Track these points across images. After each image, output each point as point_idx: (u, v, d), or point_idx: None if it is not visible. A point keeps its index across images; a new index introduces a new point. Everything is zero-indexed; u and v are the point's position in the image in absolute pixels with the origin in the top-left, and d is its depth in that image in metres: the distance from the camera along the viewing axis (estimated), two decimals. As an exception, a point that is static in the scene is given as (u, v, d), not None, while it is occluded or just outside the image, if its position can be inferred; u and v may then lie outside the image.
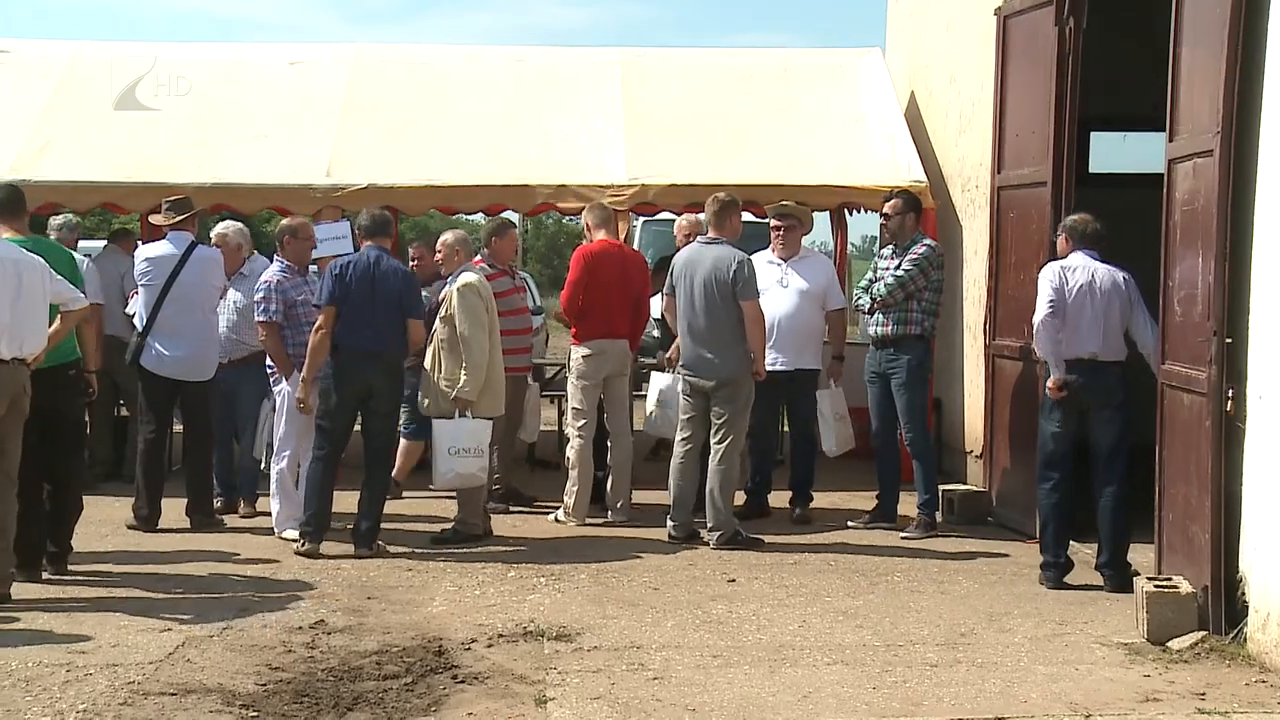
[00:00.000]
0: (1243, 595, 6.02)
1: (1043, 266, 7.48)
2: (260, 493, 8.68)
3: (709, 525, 8.14)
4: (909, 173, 9.99)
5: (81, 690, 5.34)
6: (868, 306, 8.64)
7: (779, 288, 8.81)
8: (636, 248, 11.59)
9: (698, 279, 8.12)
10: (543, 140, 10.47)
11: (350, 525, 7.86)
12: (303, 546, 7.76)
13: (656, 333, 9.73)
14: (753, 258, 8.48)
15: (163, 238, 8.65)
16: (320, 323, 7.79)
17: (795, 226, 9.02)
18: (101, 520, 8.15)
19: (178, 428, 8.77)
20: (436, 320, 8.08)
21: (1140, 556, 7.22)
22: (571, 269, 8.95)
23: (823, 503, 9.14)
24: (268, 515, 8.37)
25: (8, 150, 9.90)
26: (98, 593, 6.88)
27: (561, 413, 9.95)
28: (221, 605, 6.66)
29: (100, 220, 19.69)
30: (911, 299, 8.49)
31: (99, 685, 5.40)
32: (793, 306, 8.80)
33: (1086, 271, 7.24)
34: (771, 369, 8.44)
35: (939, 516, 8.68)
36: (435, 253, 8.48)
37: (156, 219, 8.75)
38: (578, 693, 5.44)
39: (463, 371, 7.92)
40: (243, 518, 8.68)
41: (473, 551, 7.91)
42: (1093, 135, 11.41)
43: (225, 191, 9.98)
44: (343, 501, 8.02)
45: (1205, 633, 6.10)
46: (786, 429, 9.38)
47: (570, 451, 8.79)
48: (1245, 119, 6.05)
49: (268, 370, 8.34)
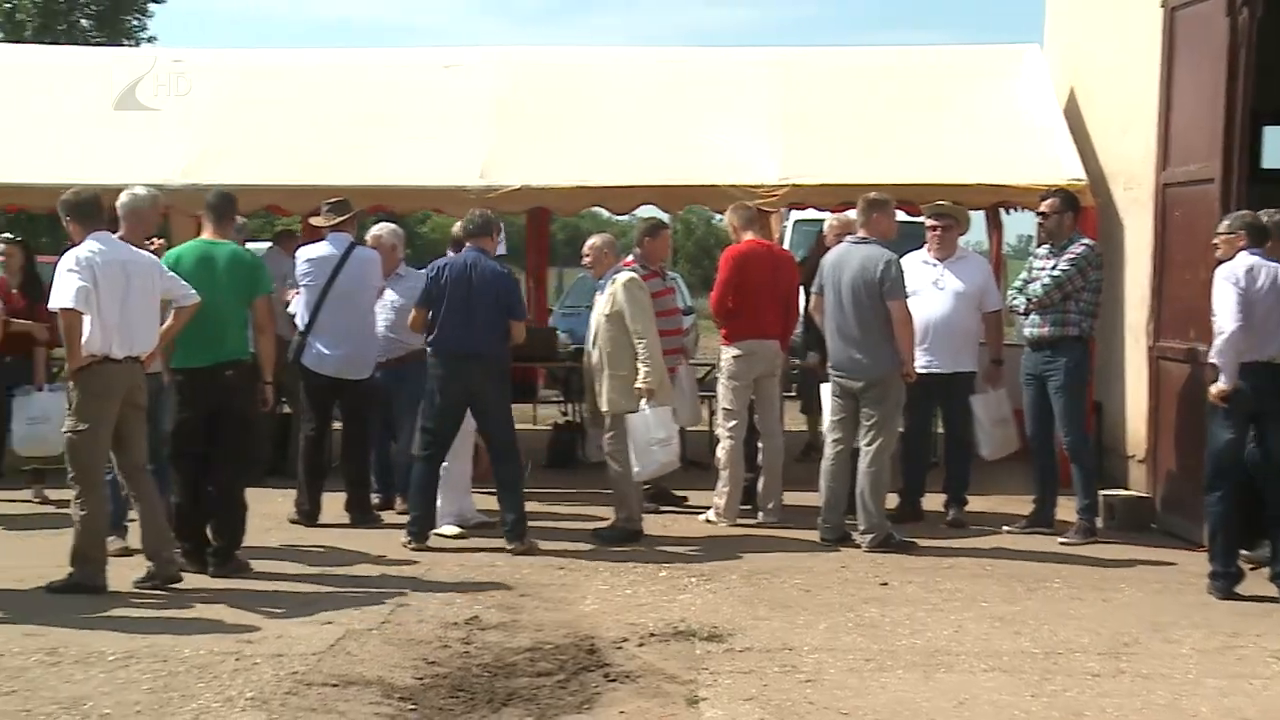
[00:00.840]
0: None
1: (1215, 268, 7.20)
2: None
3: (861, 528, 8.06)
4: (1067, 170, 9.75)
5: (249, 679, 5.49)
6: (1023, 307, 8.45)
7: (934, 289, 8.68)
8: (788, 247, 11.52)
9: (846, 279, 8.05)
10: (695, 141, 10.46)
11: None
12: (410, 544, 7.92)
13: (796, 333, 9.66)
14: (908, 258, 8.36)
15: (323, 239, 8.86)
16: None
17: (952, 226, 8.87)
18: (265, 515, 8.37)
19: (338, 425, 8.97)
20: (600, 320, 8.11)
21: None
22: (720, 269, 8.93)
23: (977, 506, 8.97)
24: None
25: (182, 155, 10.24)
26: (263, 585, 7.08)
27: (712, 413, 9.93)
28: (379, 600, 6.79)
29: (264, 222, 20.28)
30: (1069, 299, 8.28)
31: (265, 674, 5.56)
32: (948, 308, 8.65)
33: (1267, 273, 6.95)
34: (926, 371, 8.32)
35: (1099, 522, 8.45)
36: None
37: (317, 221, 8.96)
38: (729, 693, 5.42)
39: (640, 364, 7.97)
40: (399, 514, 8.84)
41: (623, 551, 7.94)
42: (1265, 130, 10.99)
43: (381, 193, 10.19)
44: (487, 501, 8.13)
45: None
46: (941, 431, 9.23)
47: (720, 452, 8.77)
48: None
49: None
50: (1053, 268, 8.34)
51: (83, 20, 36.41)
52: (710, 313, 9.41)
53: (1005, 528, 8.57)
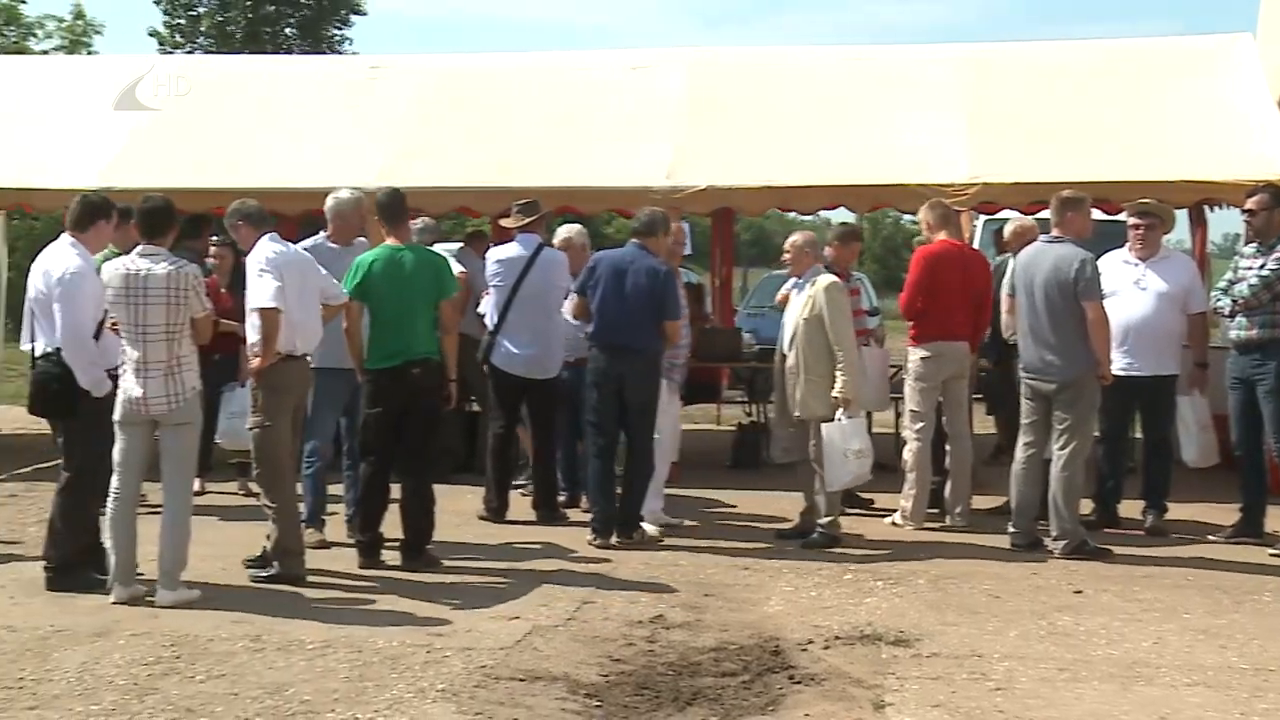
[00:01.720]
0: None
1: None
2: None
3: (1053, 534, 7.84)
4: (1277, 165, 9.31)
5: (440, 671, 5.62)
6: (1228, 309, 8.11)
7: (1136, 289, 8.38)
8: (977, 248, 11.27)
9: (1038, 280, 7.85)
10: (882, 140, 10.33)
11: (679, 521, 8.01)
12: (594, 541, 8.03)
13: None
14: (1107, 258, 8.10)
15: (512, 240, 9.01)
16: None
17: (1156, 225, 8.56)
18: (454, 511, 8.54)
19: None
20: (799, 322, 8.03)
21: None
22: (911, 269, 8.79)
23: (1177, 514, 8.62)
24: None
25: (378, 158, 10.55)
26: (453, 580, 7.23)
27: (898, 415, 9.79)
28: (565, 597, 6.87)
29: (455, 224, 20.74)
30: (1278, 300, 7.92)
31: (455, 667, 5.67)
32: (1150, 309, 8.35)
33: None
34: (1126, 374, 8.06)
35: (1313, 533, 8.07)
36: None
37: (506, 222, 9.12)
38: (917, 699, 5.33)
39: (838, 371, 7.91)
40: (585, 512, 8.92)
41: (808, 553, 7.88)
42: None
43: (569, 194, 10.33)
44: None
45: None
46: (1139, 436, 8.92)
47: (907, 454, 8.64)
48: None
49: None
50: (1260, 267, 7.98)
51: (287, 30, 37.91)
52: (898, 313, 9.27)
53: (1209, 537, 8.24)
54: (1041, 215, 8.96)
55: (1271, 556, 7.79)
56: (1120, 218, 9.10)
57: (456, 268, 8.41)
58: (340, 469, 8.14)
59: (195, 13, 37.96)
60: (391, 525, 7.56)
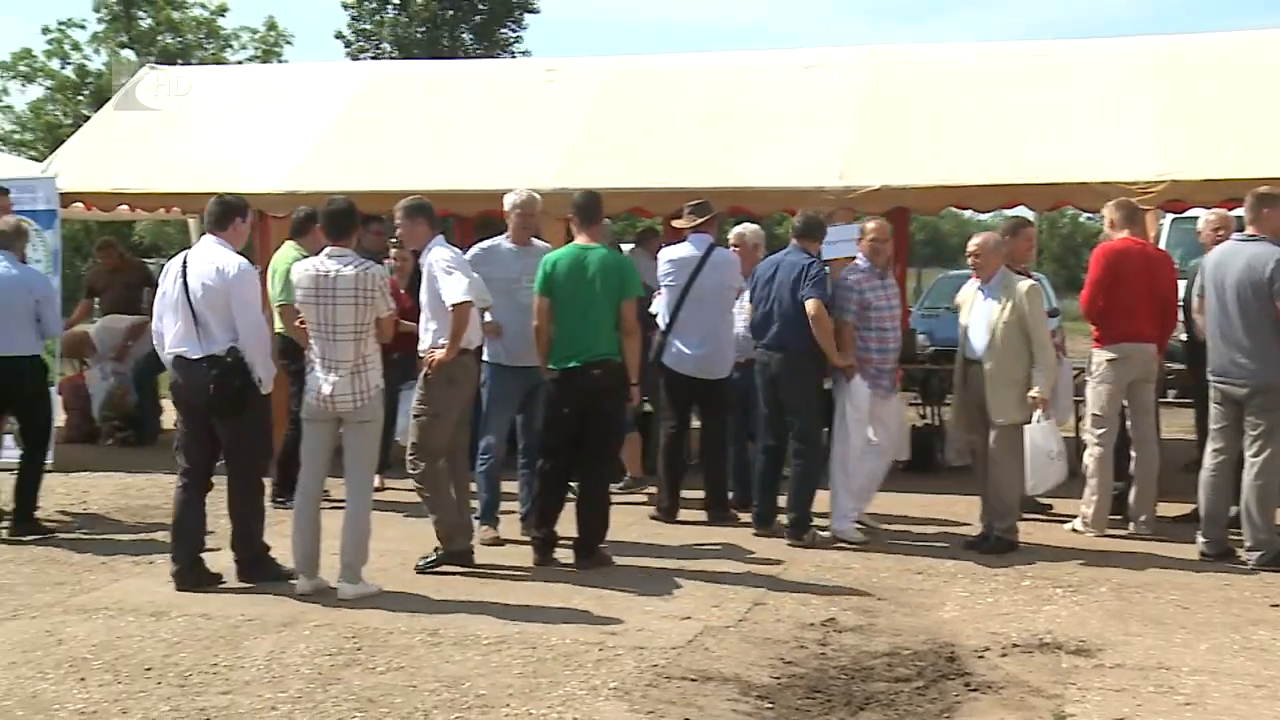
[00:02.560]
0: None
1: None
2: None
3: (1247, 544, 7.53)
4: None
5: (612, 669, 5.66)
6: None
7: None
8: (1163, 247, 10.89)
9: (1230, 279, 7.56)
10: (1062, 135, 10.05)
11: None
12: (757, 532, 8.22)
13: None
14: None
15: (684, 240, 9.03)
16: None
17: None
18: (626, 510, 8.59)
19: (696, 424, 9.13)
20: (996, 325, 7.84)
21: None
22: (1091, 268, 8.54)
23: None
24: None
25: (553, 159, 10.68)
26: (624, 579, 7.27)
27: (1078, 418, 9.53)
28: (737, 598, 6.86)
29: (626, 224, 20.91)
30: None
31: (627, 666, 5.71)
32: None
33: None
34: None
35: None
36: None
37: (679, 223, 9.14)
38: (1099, 711, 5.18)
39: (1036, 373, 7.77)
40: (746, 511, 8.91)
41: (983, 558, 7.72)
42: None
43: (741, 194, 10.30)
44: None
45: None
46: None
47: (1089, 459, 8.39)
48: None
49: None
50: None
51: (464, 35, 38.86)
52: (1078, 314, 9.02)
53: None
54: (1237, 213, 8.60)
55: None
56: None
57: None
58: (514, 466, 8.26)
59: (380, 17, 39.23)
60: (564, 523, 7.65)
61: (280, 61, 33.66)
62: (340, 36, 40.17)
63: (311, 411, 6.88)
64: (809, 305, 8.00)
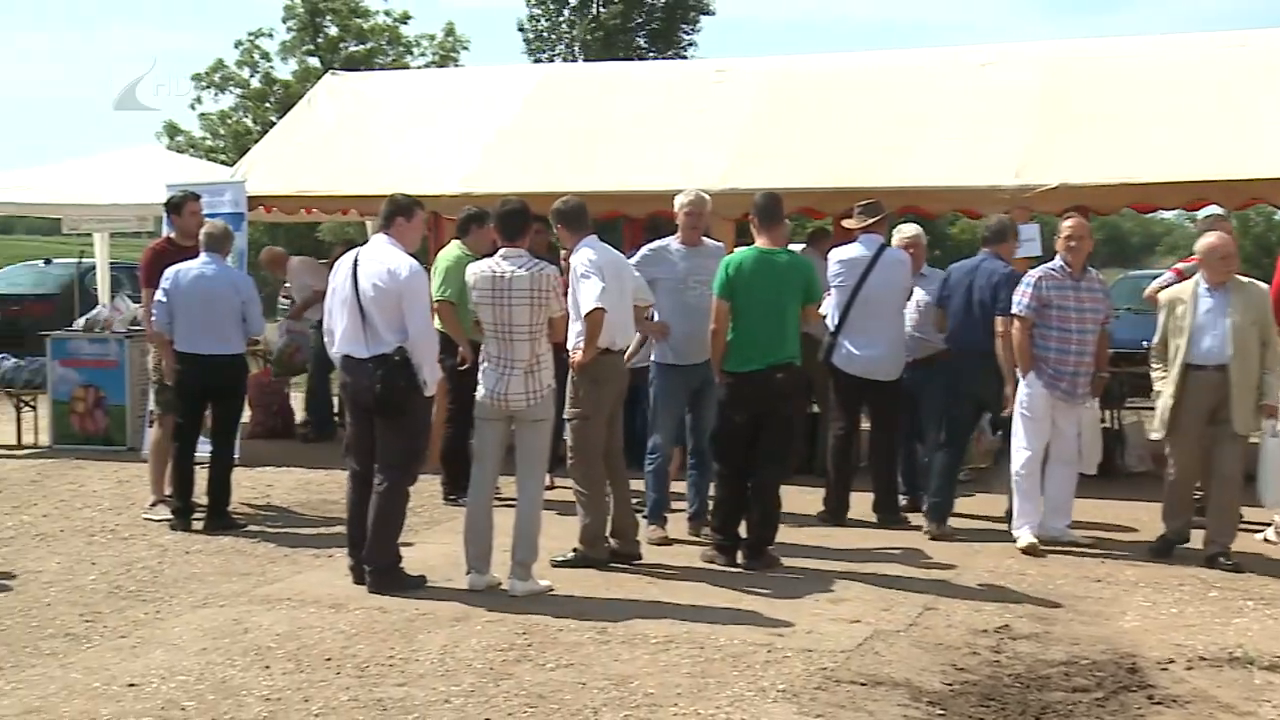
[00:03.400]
0: None
1: None
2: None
3: None
4: None
5: (780, 671, 5.63)
6: None
7: None
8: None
9: None
10: (1256, 128, 9.62)
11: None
12: (927, 530, 8.35)
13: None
14: None
15: (854, 240, 8.93)
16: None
17: None
18: (794, 512, 8.54)
19: (866, 425, 9.01)
20: (1234, 330, 7.54)
21: None
22: (1278, 268, 8.18)
23: None
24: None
25: (722, 160, 10.68)
26: (792, 580, 7.23)
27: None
28: (907, 602, 6.76)
29: (797, 225, 20.75)
30: None
31: (795, 668, 5.67)
32: None
33: None
34: None
35: None
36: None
37: (849, 223, 9.04)
38: (1293, 731, 4.96)
39: (1269, 376, 7.54)
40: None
41: (1166, 566, 7.46)
42: None
43: (913, 194, 10.13)
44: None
45: None
46: None
47: (1279, 466, 8.03)
48: None
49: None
50: None
51: (639, 41, 39.26)
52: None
53: None
54: None
55: None
56: None
57: None
58: (685, 466, 8.27)
59: (560, 18, 39.86)
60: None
61: (457, 66, 34.41)
62: (521, 29, 40.79)
63: (485, 410, 6.99)
64: (998, 322, 8.03)
